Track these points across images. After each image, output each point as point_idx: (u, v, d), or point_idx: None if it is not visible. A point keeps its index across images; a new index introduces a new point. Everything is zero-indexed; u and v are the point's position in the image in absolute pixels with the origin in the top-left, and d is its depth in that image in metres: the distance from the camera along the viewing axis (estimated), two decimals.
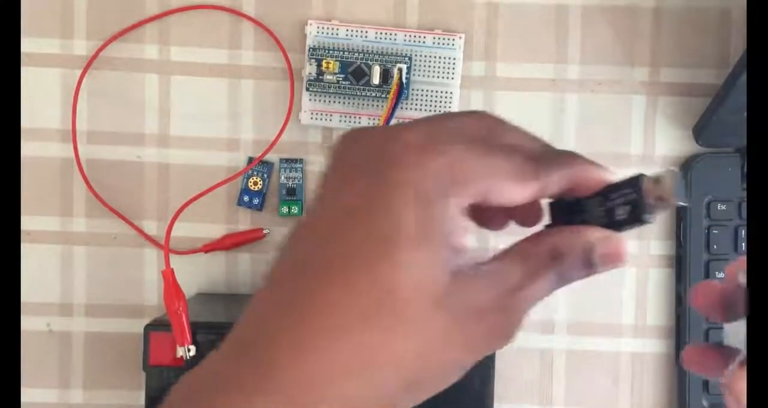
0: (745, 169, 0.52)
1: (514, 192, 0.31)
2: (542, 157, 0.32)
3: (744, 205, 0.53)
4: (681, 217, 0.54)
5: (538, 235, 0.32)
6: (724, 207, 0.53)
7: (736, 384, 0.30)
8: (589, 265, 0.31)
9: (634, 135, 0.55)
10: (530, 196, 0.31)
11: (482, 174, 0.30)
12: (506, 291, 0.31)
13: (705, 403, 0.53)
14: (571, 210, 0.33)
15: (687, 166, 0.54)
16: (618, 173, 0.32)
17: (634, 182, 0.31)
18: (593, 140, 0.55)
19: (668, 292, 0.55)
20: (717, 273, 0.53)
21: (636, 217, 0.31)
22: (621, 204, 0.31)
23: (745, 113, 0.38)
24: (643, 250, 0.55)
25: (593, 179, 0.32)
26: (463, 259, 0.30)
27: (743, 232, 0.53)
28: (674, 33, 0.55)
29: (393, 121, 0.54)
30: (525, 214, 0.35)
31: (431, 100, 0.54)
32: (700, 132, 0.53)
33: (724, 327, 0.32)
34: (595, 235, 0.31)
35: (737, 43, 0.54)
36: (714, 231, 0.53)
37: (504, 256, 0.31)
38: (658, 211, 0.31)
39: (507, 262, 0.31)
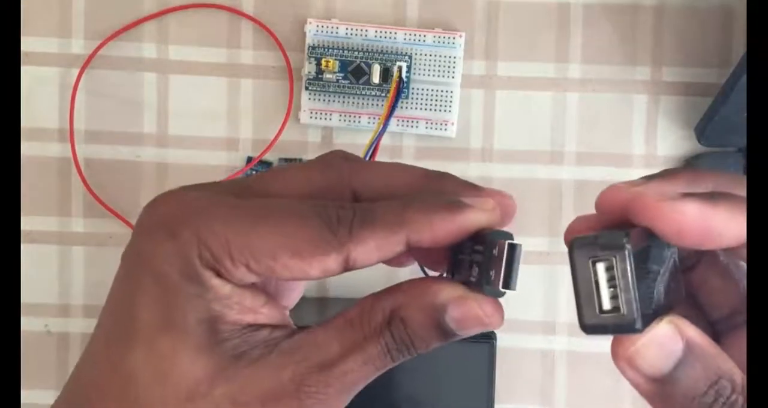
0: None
1: (307, 267, 0.26)
2: (357, 214, 0.26)
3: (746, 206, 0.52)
4: None
5: (376, 295, 0.27)
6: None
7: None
8: (441, 330, 0.26)
9: (636, 134, 0.54)
10: (334, 269, 0.26)
11: (252, 248, 0.25)
12: (309, 368, 0.26)
13: None
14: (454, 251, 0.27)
15: (689, 166, 0.54)
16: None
17: (486, 241, 0.26)
18: (594, 140, 0.54)
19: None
20: None
21: (480, 285, 0.26)
22: (477, 262, 0.26)
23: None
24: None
25: (444, 231, 0.26)
26: (252, 340, 0.26)
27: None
28: (676, 32, 0.54)
29: (392, 121, 0.53)
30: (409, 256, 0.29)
31: (432, 99, 0.54)
32: (702, 131, 0.52)
33: None
34: (449, 292, 0.26)
35: (739, 42, 0.54)
36: None
37: (324, 326, 0.27)
38: (498, 287, 0.25)
39: (321, 333, 0.26)
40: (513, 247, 0.25)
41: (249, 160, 0.54)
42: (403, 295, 0.26)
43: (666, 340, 0.24)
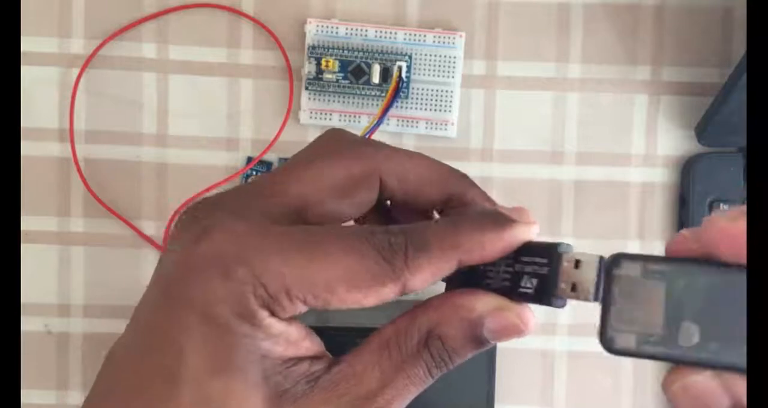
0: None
1: (363, 298, 0.25)
2: (409, 240, 0.25)
3: (746, 206, 0.52)
4: (683, 217, 0.54)
5: (409, 315, 0.26)
6: (726, 207, 0.53)
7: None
8: (478, 342, 0.26)
9: (636, 134, 0.54)
10: (390, 297, 0.25)
11: (309, 283, 0.25)
12: (353, 402, 0.25)
13: None
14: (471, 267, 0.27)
15: (689, 166, 0.53)
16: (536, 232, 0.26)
17: (551, 254, 0.25)
18: (594, 140, 0.54)
19: None
20: None
21: (541, 297, 0.25)
22: (529, 274, 0.25)
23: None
24: (645, 251, 0.54)
25: (498, 250, 0.26)
26: (293, 375, 0.25)
27: None
28: (676, 32, 0.54)
29: (392, 121, 0.53)
30: None
31: (431, 99, 0.54)
32: (702, 131, 0.52)
33: None
34: (485, 304, 0.26)
35: (740, 42, 0.54)
36: None
37: (360, 353, 0.26)
38: (567, 298, 0.25)
39: (359, 363, 0.26)
40: (602, 260, 0.24)
41: (249, 160, 0.54)
42: (437, 313, 0.26)
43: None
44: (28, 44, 0.54)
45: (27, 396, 0.55)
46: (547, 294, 0.25)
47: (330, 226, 0.26)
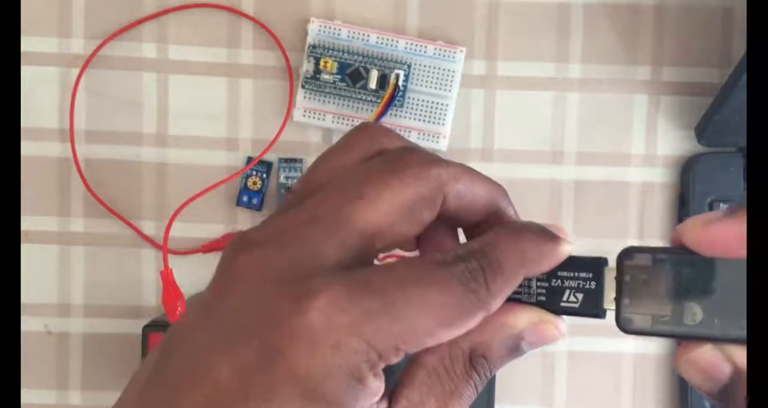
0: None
1: (456, 333, 0.25)
2: (484, 262, 0.25)
3: (746, 205, 0.52)
4: (683, 217, 0.54)
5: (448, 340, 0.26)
6: (726, 207, 0.53)
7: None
8: (517, 353, 0.27)
9: (636, 134, 0.54)
10: (476, 325, 0.25)
11: (413, 334, 0.24)
12: None
13: (707, 404, 0.53)
14: None
15: (689, 165, 0.54)
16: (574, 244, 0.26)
17: (597, 268, 0.27)
18: (594, 140, 0.54)
19: None
20: None
21: (589, 311, 0.27)
22: (573, 289, 0.27)
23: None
24: None
25: (550, 264, 0.26)
26: None
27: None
28: (676, 32, 0.54)
29: (389, 124, 0.53)
30: None
31: (426, 110, 0.54)
32: (702, 131, 0.52)
33: None
34: (525, 320, 0.27)
35: (739, 42, 0.54)
36: None
37: (411, 385, 0.26)
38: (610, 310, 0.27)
39: (417, 396, 0.26)
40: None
41: (249, 160, 0.54)
42: (479, 334, 0.26)
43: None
44: (28, 44, 0.54)
45: (27, 396, 0.55)
46: (597, 307, 0.27)
47: (409, 262, 0.25)
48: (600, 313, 0.27)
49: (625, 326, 0.26)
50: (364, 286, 0.24)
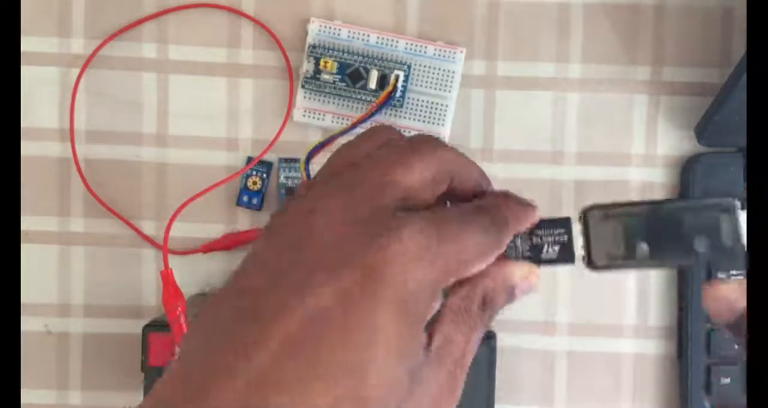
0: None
1: (483, 266, 0.32)
2: (499, 215, 0.32)
3: (746, 205, 0.52)
4: None
5: (468, 285, 0.32)
6: None
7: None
8: (511, 299, 0.33)
9: (636, 134, 0.54)
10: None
11: (475, 265, 0.31)
12: (452, 367, 0.31)
13: (707, 404, 0.53)
14: None
15: (689, 165, 0.54)
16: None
17: (566, 225, 0.34)
18: (594, 140, 0.54)
19: (670, 292, 0.55)
20: (719, 273, 0.53)
21: (565, 258, 0.34)
22: (551, 243, 0.34)
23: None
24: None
25: (531, 223, 0.34)
26: (420, 350, 0.30)
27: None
28: (676, 32, 0.54)
29: (389, 123, 0.53)
30: None
31: (425, 111, 0.54)
32: (702, 131, 0.52)
33: None
34: (518, 272, 0.33)
35: (740, 42, 0.54)
36: None
37: (443, 321, 0.31)
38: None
39: (446, 335, 0.31)
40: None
41: (249, 160, 0.54)
42: (490, 280, 0.32)
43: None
44: (28, 44, 0.54)
45: (27, 396, 0.55)
46: (570, 254, 0.34)
47: (452, 208, 0.32)
48: (573, 259, 0.34)
49: (594, 265, 0.33)
50: (436, 220, 0.30)
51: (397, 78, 0.53)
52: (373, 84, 0.53)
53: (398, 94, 0.53)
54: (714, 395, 0.53)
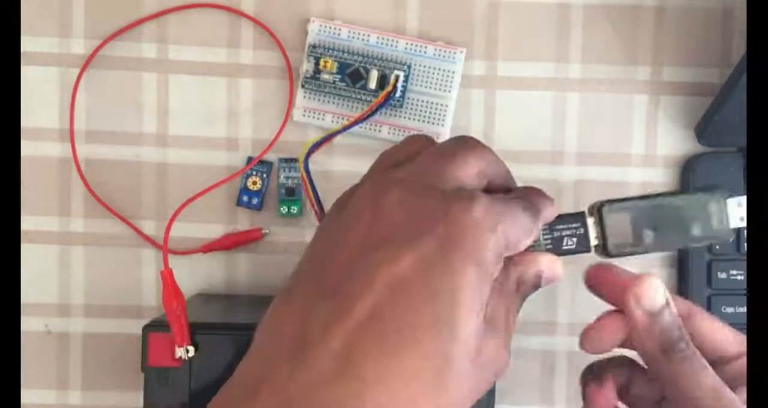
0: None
1: (526, 245, 0.35)
2: (532, 202, 0.36)
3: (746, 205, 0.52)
4: None
5: (504, 270, 0.35)
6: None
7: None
8: (538, 284, 0.36)
9: (636, 134, 0.54)
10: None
11: (523, 241, 0.35)
12: (500, 339, 0.34)
13: None
14: None
15: (689, 165, 0.54)
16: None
17: (581, 219, 0.39)
18: (594, 140, 0.54)
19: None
20: (719, 273, 0.53)
21: (582, 248, 0.39)
22: (569, 235, 0.39)
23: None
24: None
25: (553, 214, 0.37)
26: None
27: (745, 233, 0.52)
28: (676, 32, 0.54)
29: (385, 128, 0.53)
30: None
31: (426, 111, 0.54)
32: (702, 131, 0.52)
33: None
34: (545, 261, 0.36)
35: (740, 42, 0.54)
36: None
37: (488, 297, 0.33)
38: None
39: (492, 306, 0.34)
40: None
41: (249, 160, 0.54)
42: (522, 266, 0.35)
43: (659, 286, 0.38)
44: (28, 44, 0.54)
45: (27, 396, 0.55)
46: (588, 244, 0.39)
47: (495, 195, 0.34)
48: (590, 249, 0.39)
49: (609, 253, 0.39)
50: (494, 199, 0.33)
51: (397, 78, 0.53)
52: (373, 84, 0.53)
53: (398, 94, 0.53)
54: None
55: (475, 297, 0.32)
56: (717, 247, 0.53)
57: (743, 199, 0.39)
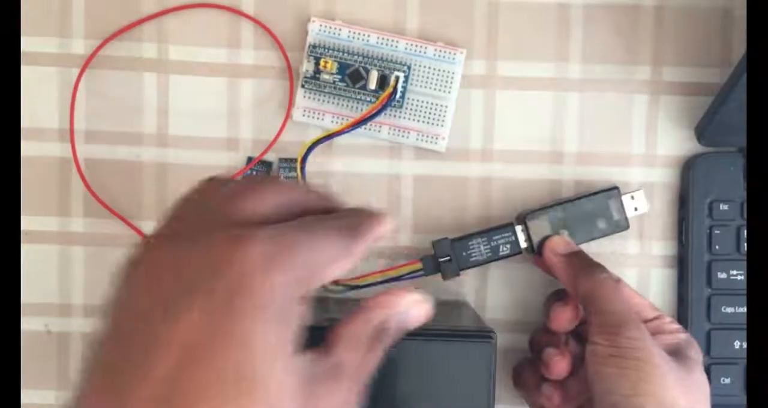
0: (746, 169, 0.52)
1: (339, 272, 0.33)
2: (350, 223, 0.34)
3: (746, 205, 0.52)
4: (683, 217, 0.54)
5: (361, 312, 0.34)
6: (726, 207, 0.53)
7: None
8: (405, 328, 0.35)
9: (636, 134, 0.54)
10: (350, 266, 0.33)
11: (332, 266, 0.32)
12: (348, 383, 0.33)
13: None
14: (455, 247, 0.50)
15: (689, 165, 0.54)
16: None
17: (511, 228, 0.50)
18: (594, 140, 0.54)
19: (670, 292, 0.55)
20: (719, 273, 0.53)
21: (515, 252, 0.51)
22: (503, 243, 0.50)
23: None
24: (644, 251, 0.54)
25: (384, 230, 0.35)
26: (310, 362, 0.31)
27: (745, 233, 0.52)
28: (676, 32, 0.54)
29: (384, 128, 0.53)
30: None
31: (426, 112, 0.54)
32: (702, 131, 0.52)
33: None
34: (405, 301, 0.35)
35: (740, 42, 0.54)
36: (716, 231, 0.53)
37: (336, 345, 0.33)
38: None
39: (341, 356, 0.33)
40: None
41: (249, 160, 0.54)
42: (382, 308, 0.34)
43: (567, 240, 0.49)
44: (28, 44, 0.54)
45: (27, 396, 0.55)
46: (518, 248, 0.50)
47: (299, 221, 0.33)
48: (520, 251, 0.50)
49: (536, 251, 0.50)
50: (281, 229, 0.31)
51: (397, 79, 0.53)
52: (373, 84, 0.53)
53: (398, 94, 0.53)
54: (714, 395, 0.53)
55: (274, 341, 0.30)
56: (717, 246, 0.53)
57: (635, 193, 0.52)
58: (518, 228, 0.50)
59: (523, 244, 0.50)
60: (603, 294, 0.45)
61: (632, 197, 0.52)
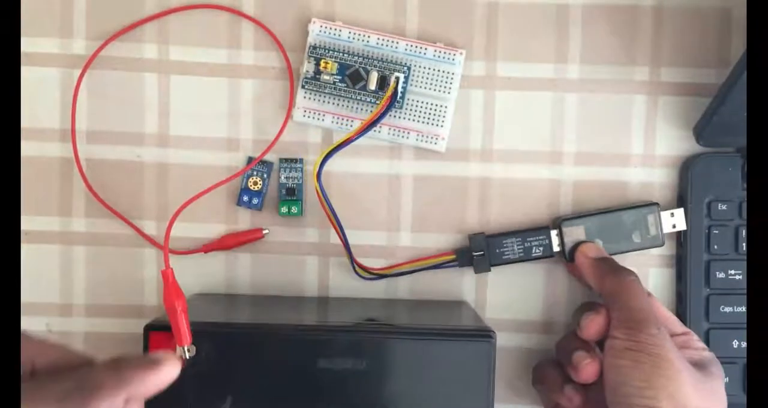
0: (746, 169, 0.52)
1: None
2: (76, 384, 0.36)
3: (745, 205, 0.53)
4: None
5: (119, 386, 0.36)
6: (724, 207, 0.53)
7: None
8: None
9: (635, 135, 0.55)
10: None
11: None
12: None
13: None
14: (490, 243, 0.53)
15: (687, 166, 0.54)
16: None
17: (547, 232, 0.52)
18: (593, 140, 0.55)
19: (669, 292, 0.55)
20: (717, 273, 0.53)
21: (547, 254, 0.52)
22: (536, 245, 0.52)
23: (746, 113, 0.38)
24: (643, 252, 0.55)
25: (156, 383, 0.37)
26: None
27: (744, 232, 0.52)
28: (675, 32, 0.54)
29: (384, 129, 0.54)
30: None
31: (425, 112, 0.54)
32: (700, 132, 0.52)
33: None
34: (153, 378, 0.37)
35: (738, 43, 0.54)
36: (714, 231, 0.53)
37: None
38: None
39: None
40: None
41: (249, 160, 0.54)
42: (129, 386, 0.36)
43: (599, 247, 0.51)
44: (30, 45, 0.54)
45: None
46: (551, 251, 0.52)
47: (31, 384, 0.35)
48: (553, 254, 0.52)
49: (569, 258, 0.52)
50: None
51: (397, 81, 0.53)
52: (373, 85, 0.53)
53: (398, 95, 0.53)
54: None
55: None
56: (715, 246, 0.53)
57: (675, 210, 0.52)
58: (553, 232, 0.52)
59: (556, 248, 0.52)
60: (628, 291, 0.47)
61: (672, 214, 0.53)
